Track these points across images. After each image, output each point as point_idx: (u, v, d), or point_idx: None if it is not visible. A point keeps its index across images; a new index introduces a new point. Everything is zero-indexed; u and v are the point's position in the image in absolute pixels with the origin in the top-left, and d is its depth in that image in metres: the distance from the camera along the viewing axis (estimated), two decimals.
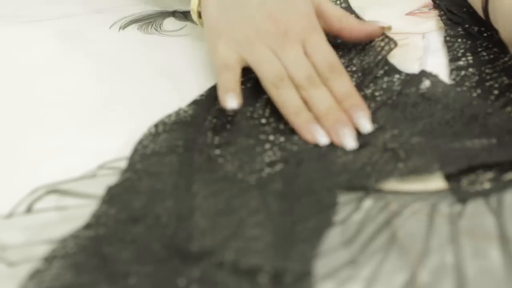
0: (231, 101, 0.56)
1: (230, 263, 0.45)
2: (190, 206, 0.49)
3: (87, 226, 0.49)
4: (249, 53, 0.58)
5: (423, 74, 0.61)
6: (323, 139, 0.55)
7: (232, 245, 0.47)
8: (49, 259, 0.47)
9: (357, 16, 0.70)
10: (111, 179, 0.53)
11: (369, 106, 0.59)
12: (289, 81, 0.57)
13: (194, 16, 0.64)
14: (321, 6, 0.63)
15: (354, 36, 0.63)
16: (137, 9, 0.74)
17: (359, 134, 0.56)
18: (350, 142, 0.54)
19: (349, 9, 0.71)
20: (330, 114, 0.56)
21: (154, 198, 0.51)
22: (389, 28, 0.64)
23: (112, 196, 0.51)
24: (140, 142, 0.56)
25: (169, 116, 0.58)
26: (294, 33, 0.59)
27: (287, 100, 0.57)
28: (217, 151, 0.55)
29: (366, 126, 0.56)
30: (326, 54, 0.59)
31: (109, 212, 0.50)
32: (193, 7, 0.64)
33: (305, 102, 0.57)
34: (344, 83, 0.58)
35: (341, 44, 0.66)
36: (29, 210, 0.51)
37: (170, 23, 0.72)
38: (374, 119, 0.57)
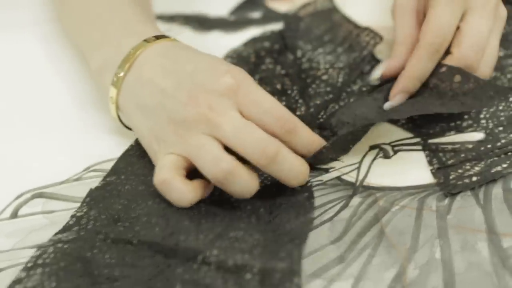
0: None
1: (216, 261, 0.45)
2: (173, 207, 0.49)
3: (67, 228, 0.49)
4: (185, 149, 0.49)
5: None
6: None
7: (218, 244, 0.46)
8: (29, 268, 0.46)
9: (344, 16, 0.70)
10: (97, 181, 0.53)
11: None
12: (235, 170, 0.48)
13: (113, 111, 0.55)
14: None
15: None
16: None
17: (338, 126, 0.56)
18: None
19: (334, 9, 0.71)
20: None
21: (136, 199, 0.50)
22: None
23: (94, 198, 0.51)
24: (126, 152, 0.55)
25: None
26: (221, 103, 0.49)
27: (242, 192, 0.49)
28: None
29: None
30: (269, 109, 0.49)
31: (90, 213, 0.50)
32: (114, 116, 0.55)
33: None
34: (303, 136, 0.51)
35: (328, 41, 0.66)
36: (15, 215, 0.51)
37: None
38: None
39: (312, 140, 0.51)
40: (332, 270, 0.46)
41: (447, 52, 0.56)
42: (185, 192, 0.48)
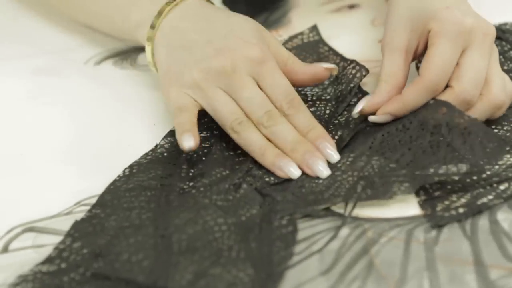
0: (188, 141, 0.54)
1: None
2: (155, 243, 0.50)
3: (49, 260, 0.49)
4: (201, 98, 0.57)
5: None
6: (294, 172, 0.55)
7: (195, 284, 0.46)
8: None
9: (331, 48, 0.71)
10: None
11: (342, 134, 0.60)
12: (248, 122, 0.56)
13: (153, 68, 0.63)
14: (269, 48, 0.60)
15: (299, 79, 0.61)
16: (111, 44, 0.74)
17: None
18: (322, 171, 0.55)
19: (321, 41, 0.72)
20: (297, 147, 0.55)
21: (118, 236, 0.50)
22: (335, 69, 0.62)
23: (78, 231, 0.51)
24: (114, 182, 0.56)
25: (145, 155, 0.58)
26: (244, 68, 0.57)
27: (250, 143, 0.56)
28: (190, 183, 0.55)
29: (334, 156, 0.56)
30: (281, 87, 0.57)
31: (73, 246, 0.50)
32: (149, 59, 0.62)
33: (269, 139, 0.56)
34: (304, 116, 0.57)
35: None
36: (5, 249, 0.51)
37: (144, 57, 0.72)
38: (347, 147, 0.58)
39: (310, 122, 0.57)
40: None
41: (446, 85, 0.57)
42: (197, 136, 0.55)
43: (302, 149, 0.55)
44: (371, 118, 0.59)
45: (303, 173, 0.56)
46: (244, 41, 0.57)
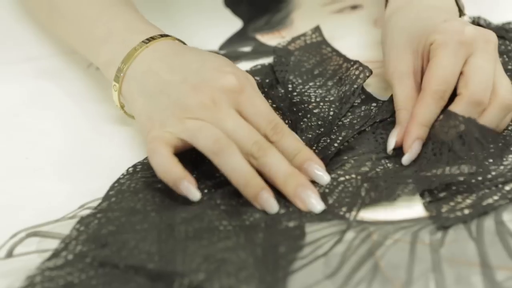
0: (189, 192, 0.52)
1: (201, 284, 0.46)
2: (159, 231, 0.50)
3: (55, 254, 0.49)
4: (182, 130, 0.54)
5: None
6: (274, 208, 0.52)
7: (204, 267, 0.47)
8: None
9: (334, 49, 0.70)
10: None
11: (346, 135, 0.60)
12: (232, 146, 0.53)
13: (117, 104, 0.61)
14: None
15: None
16: None
17: (336, 162, 0.57)
18: (316, 205, 0.53)
19: (324, 42, 0.71)
20: (289, 180, 0.53)
21: (124, 225, 0.51)
22: None
23: (83, 224, 0.52)
24: (118, 180, 0.56)
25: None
26: (223, 100, 0.54)
27: (234, 169, 0.53)
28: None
29: (323, 177, 0.55)
30: (262, 114, 0.55)
31: (79, 238, 0.50)
32: (116, 102, 0.60)
33: (259, 170, 0.53)
34: (290, 140, 0.55)
35: (318, 75, 0.67)
36: (10, 254, 0.51)
37: None
38: (351, 146, 0.59)
39: (296, 146, 0.55)
40: None
41: (454, 94, 0.57)
42: (170, 163, 0.53)
43: (294, 183, 0.53)
44: (405, 162, 0.56)
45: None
46: (218, 71, 0.55)
